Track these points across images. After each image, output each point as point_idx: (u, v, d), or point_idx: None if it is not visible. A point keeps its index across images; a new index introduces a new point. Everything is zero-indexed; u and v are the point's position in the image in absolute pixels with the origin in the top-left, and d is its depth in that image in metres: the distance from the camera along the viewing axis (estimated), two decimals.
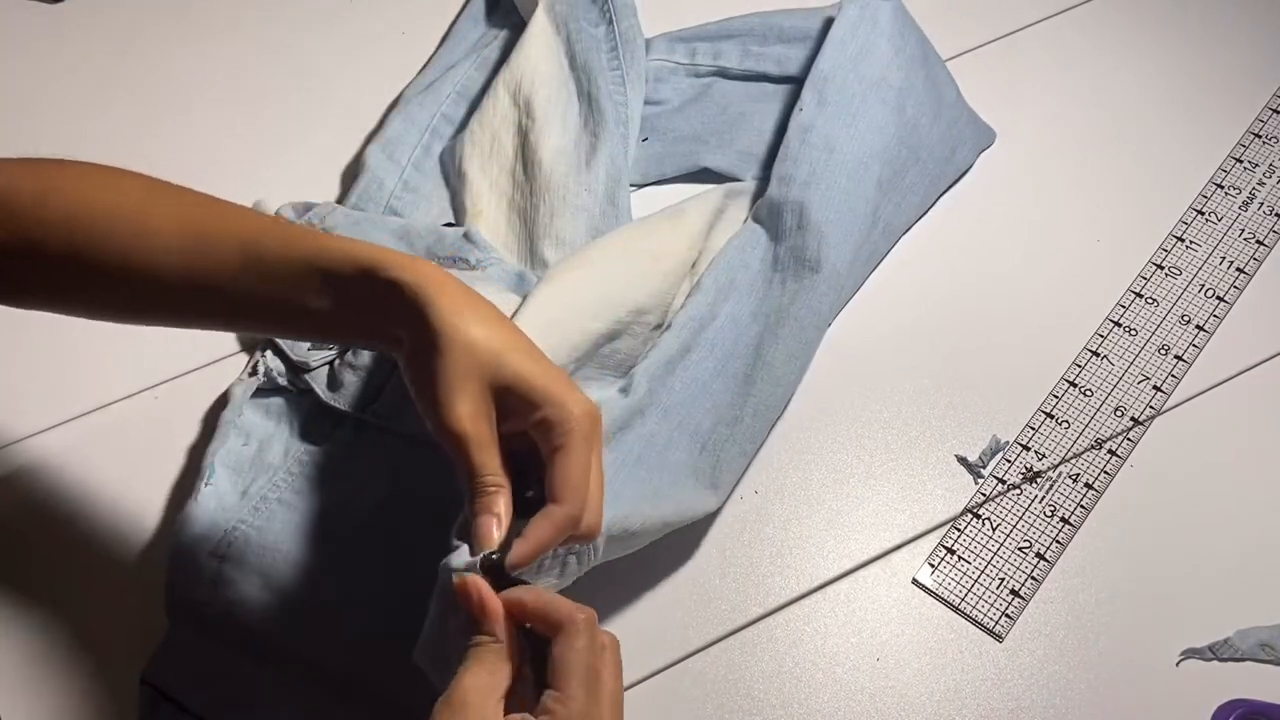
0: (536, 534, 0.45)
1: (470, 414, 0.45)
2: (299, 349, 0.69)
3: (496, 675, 0.43)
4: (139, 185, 0.53)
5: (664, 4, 0.88)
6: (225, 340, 0.74)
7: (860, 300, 0.75)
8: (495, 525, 0.46)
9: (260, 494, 0.65)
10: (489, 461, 0.46)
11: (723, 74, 0.84)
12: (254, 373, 0.69)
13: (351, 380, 0.67)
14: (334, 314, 0.50)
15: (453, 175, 0.78)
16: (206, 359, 0.73)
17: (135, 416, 0.71)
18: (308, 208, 0.75)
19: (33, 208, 0.51)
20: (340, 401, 0.67)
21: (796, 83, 0.80)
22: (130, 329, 0.73)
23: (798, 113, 0.74)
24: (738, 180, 0.79)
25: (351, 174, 0.80)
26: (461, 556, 0.46)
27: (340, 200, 0.79)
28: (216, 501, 0.64)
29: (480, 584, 0.45)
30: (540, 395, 0.46)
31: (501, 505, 0.46)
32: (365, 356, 0.67)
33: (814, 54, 0.78)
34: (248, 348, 0.74)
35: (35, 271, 0.53)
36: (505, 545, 0.46)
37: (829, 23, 0.80)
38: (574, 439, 0.46)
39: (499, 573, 0.45)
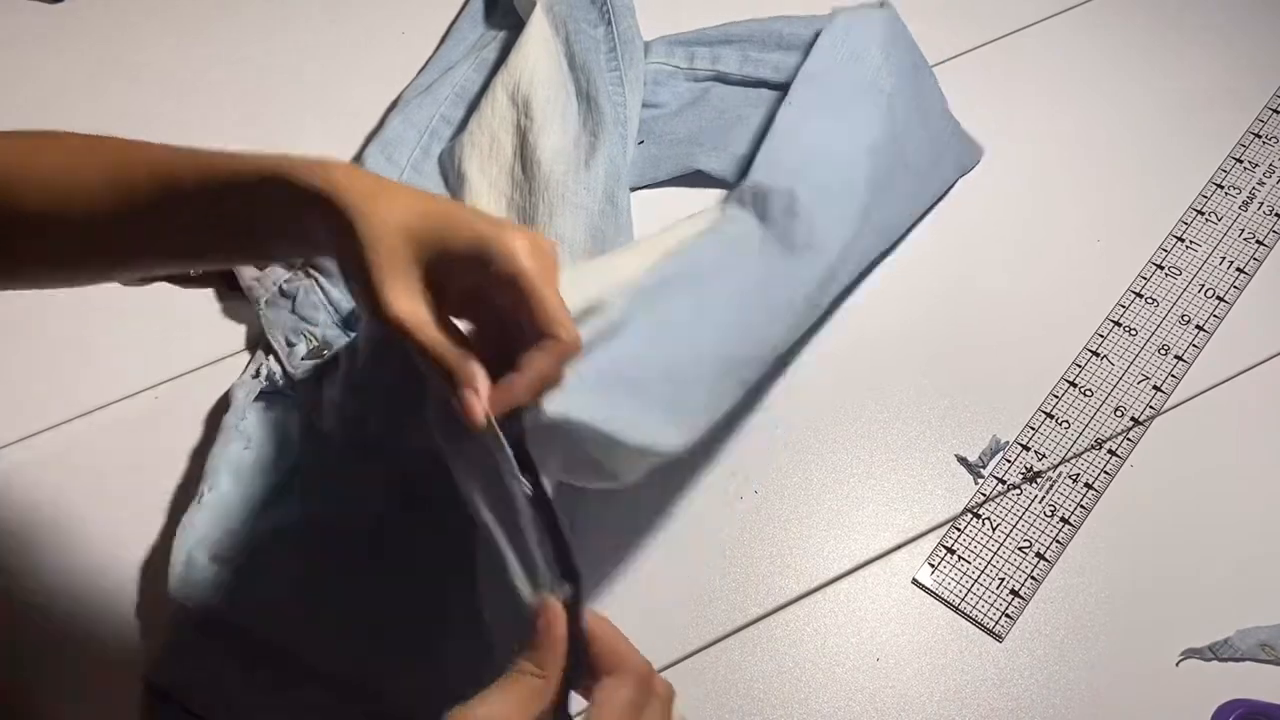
0: (536, 365, 0.45)
1: (403, 297, 0.45)
2: (295, 358, 0.69)
3: (524, 710, 0.41)
4: (68, 144, 0.53)
5: (663, 8, 0.88)
6: (225, 341, 0.74)
7: (860, 299, 0.75)
8: (474, 397, 0.45)
9: (262, 498, 0.65)
10: (435, 337, 0.45)
11: (721, 79, 0.84)
12: (255, 375, 0.69)
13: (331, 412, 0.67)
14: (258, 229, 0.50)
15: (452, 176, 0.78)
16: (206, 359, 0.73)
17: (135, 416, 0.71)
18: None
19: None
20: (326, 424, 0.66)
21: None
22: (129, 328, 0.74)
23: (786, 106, 0.73)
24: (730, 183, 0.78)
25: None
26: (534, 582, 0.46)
27: None
28: (219, 505, 0.64)
29: (561, 619, 0.43)
30: (479, 251, 0.45)
31: (474, 371, 0.45)
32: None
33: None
34: (249, 347, 0.74)
35: None
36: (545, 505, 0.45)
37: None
38: (532, 278, 0.44)
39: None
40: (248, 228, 0.50)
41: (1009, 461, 0.68)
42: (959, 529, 0.66)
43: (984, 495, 0.67)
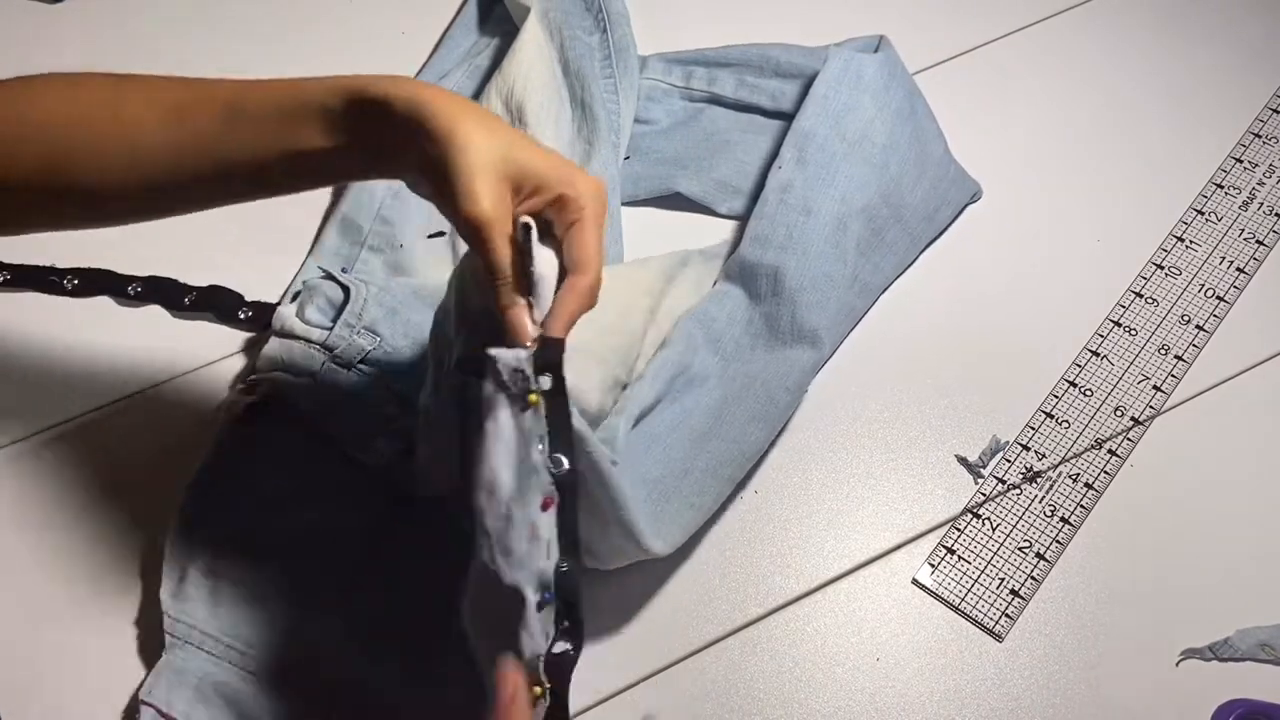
0: (566, 305, 0.49)
1: (492, 201, 0.47)
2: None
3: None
4: (106, 82, 0.53)
5: (663, 26, 0.88)
6: (226, 341, 0.74)
7: None
8: (526, 312, 0.49)
9: (253, 512, 0.65)
10: (505, 246, 0.48)
11: (716, 101, 0.83)
12: (249, 391, 0.69)
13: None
14: (330, 149, 0.51)
15: None
16: (207, 359, 0.73)
17: (136, 417, 0.71)
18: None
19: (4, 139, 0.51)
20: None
21: (788, 119, 0.78)
22: (129, 329, 0.74)
23: (776, 170, 0.73)
24: (708, 208, 0.78)
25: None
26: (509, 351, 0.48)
27: (331, 209, 0.78)
28: (211, 520, 0.64)
29: (517, 688, 0.46)
30: (553, 178, 0.49)
31: (521, 297, 0.49)
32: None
33: (801, 102, 0.77)
34: (247, 348, 0.74)
35: (12, 197, 0.53)
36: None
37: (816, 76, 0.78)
38: (587, 213, 0.49)
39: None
40: (322, 159, 0.51)
41: (1009, 461, 0.68)
42: (959, 529, 0.66)
43: (984, 495, 0.67)
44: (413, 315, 0.70)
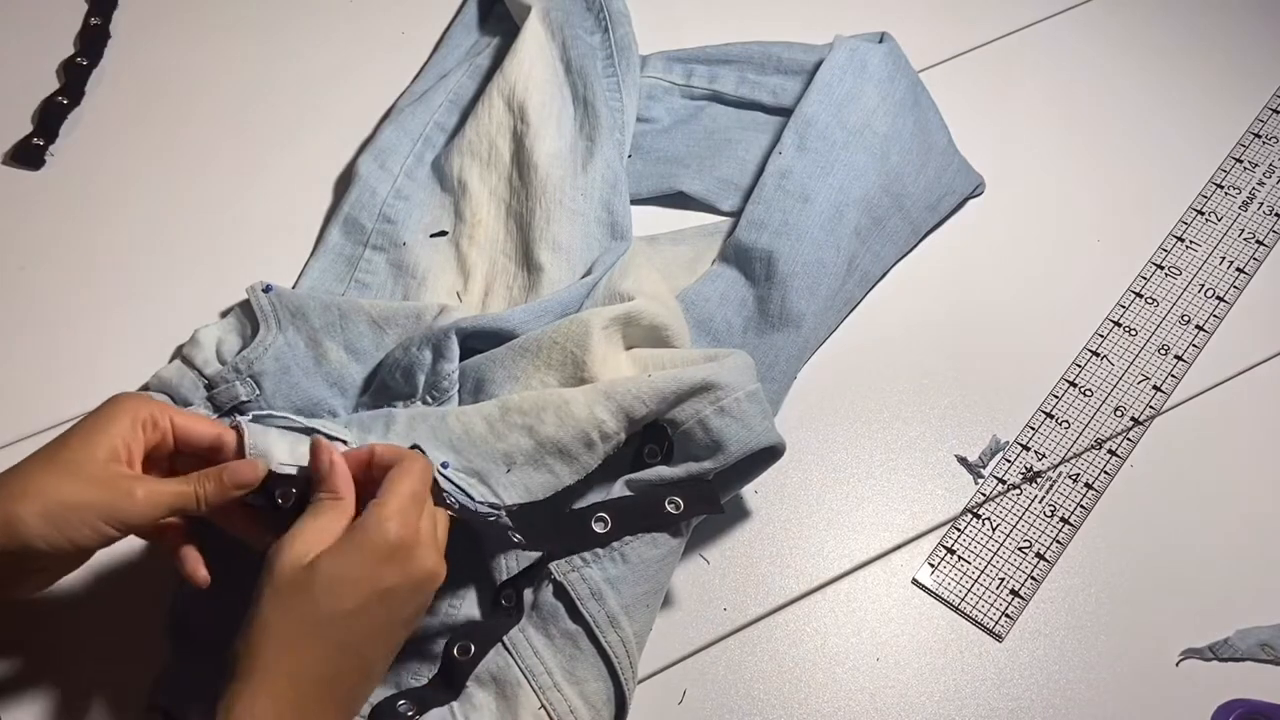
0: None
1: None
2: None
3: (334, 526, 0.50)
4: None
5: (664, 25, 0.88)
6: None
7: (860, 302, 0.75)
8: None
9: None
10: None
11: (717, 99, 0.83)
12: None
13: None
14: None
15: (448, 184, 0.78)
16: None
17: None
18: (267, 288, 0.70)
19: None
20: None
21: (789, 115, 0.78)
22: (130, 331, 0.74)
23: (776, 156, 0.74)
24: (711, 206, 0.78)
25: (345, 182, 0.80)
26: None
27: (333, 209, 0.78)
28: (206, 531, 0.64)
29: (330, 449, 0.52)
30: None
31: None
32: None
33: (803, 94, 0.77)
34: None
35: None
36: None
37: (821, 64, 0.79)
38: None
39: None
40: None
41: (1009, 461, 0.68)
42: (959, 529, 0.66)
43: (984, 495, 0.67)
44: (303, 381, 0.67)
